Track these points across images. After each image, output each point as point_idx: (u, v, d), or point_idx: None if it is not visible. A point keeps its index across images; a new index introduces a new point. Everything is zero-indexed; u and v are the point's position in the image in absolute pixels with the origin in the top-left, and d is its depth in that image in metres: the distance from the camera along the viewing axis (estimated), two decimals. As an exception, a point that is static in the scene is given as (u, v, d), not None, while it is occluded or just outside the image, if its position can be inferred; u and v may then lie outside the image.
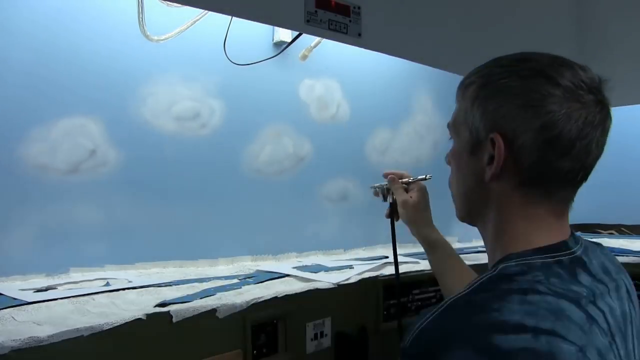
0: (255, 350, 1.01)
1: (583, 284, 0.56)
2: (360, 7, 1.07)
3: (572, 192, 0.63)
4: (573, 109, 0.56)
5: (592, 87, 0.58)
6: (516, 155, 0.59)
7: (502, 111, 0.59)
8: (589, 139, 0.57)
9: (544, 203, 0.60)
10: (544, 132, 0.57)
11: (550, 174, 0.59)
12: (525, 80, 0.59)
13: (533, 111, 0.57)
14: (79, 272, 1.16)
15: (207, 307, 0.92)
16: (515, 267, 0.55)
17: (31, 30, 1.09)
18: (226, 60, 1.32)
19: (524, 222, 0.61)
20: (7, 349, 0.69)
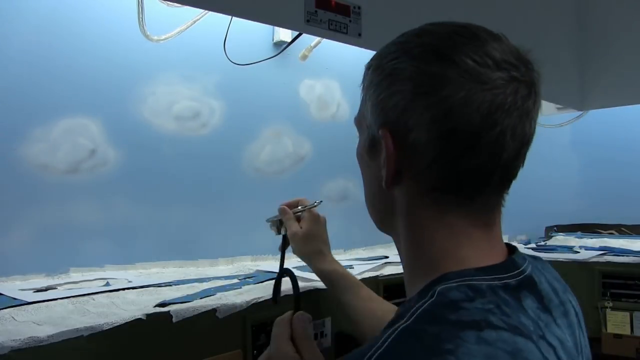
0: (255, 351, 1.01)
1: (529, 313, 0.45)
2: (360, 7, 1.07)
3: (496, 198, 0.50)
4: (473, 92, 0.44)
5: (502, 62, 0.46)
6: (410, 155, 0.48)
7: (391, 101, 0.48)
8: (499, 129, 0.45)
9: (461, 212, 0.48)
10: (438, 124, 0.46)
11: (456, 175, 0.47)
12: (416, 60, 0.47)
13: (424, 99, 0.46)
14: (79, 272, 1.16)
15: (207, 307, 0.92)
16: (457, 291, 0.44)
17: (31, 30, 1.09)
18: (226, 60, 1.32)
19: (447, 238, 0.49)
20: (7, 349, 0.69)
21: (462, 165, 0.46)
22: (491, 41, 0.47)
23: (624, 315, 1.53)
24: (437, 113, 0.46)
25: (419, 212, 0.50)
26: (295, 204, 1.00)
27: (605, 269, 1.56)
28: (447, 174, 0.47)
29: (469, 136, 0.45)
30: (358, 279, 0.97)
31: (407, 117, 0.47)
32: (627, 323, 1.52)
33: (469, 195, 0.48)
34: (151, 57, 1.25)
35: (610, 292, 1.55)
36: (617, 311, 1.53)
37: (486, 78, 0.45)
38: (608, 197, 2.25)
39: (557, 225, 2.26)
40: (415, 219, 0.51)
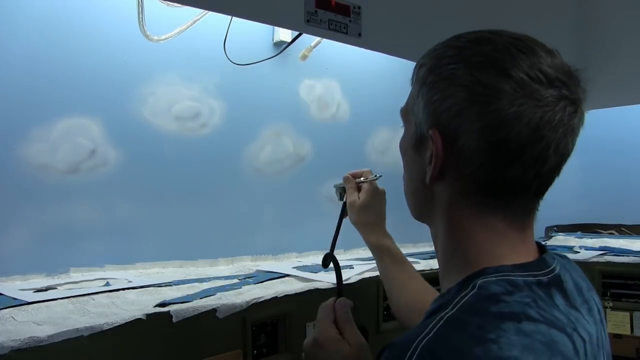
0: (255, 350, 1.01)
1: (560, 309, 0.49)
2: (360, 7, 1.07)
3: (533, 202, 0.53)
4: (525, 107, 0.47)
5: (555, 79, 0.48)
6: (457, 157, 0.50)
7: (445, 104, 0.50)
8: (544, 143, 0.48)
9: (499, 215, 0.51)
10: (488, 134, 0.48)
11: (498, 182, 0.50)
12: (473, 69, 0.49)
13: (478, 108, 0.48)
14: (79, 272, 1.16)
15: (207, 307, 0.92)
16: (496, 285, 0.47)
17: (31, 30, 1.09)
18: (226, 60, 1.32)
19: (485, 236, 0.52)
20: (7, 349, 0.69)
21: (506, 174, 0.49)
22: (546, 57, 0.49)
23: (624, 315, 1.53)
24: (489, 123, 0.48)
25: (459, 210, 0.53)
26: (360, 175, 1.02)
27: (605, 269, 1.56)
28: (491, 180, 0.50)
29: (517, 148, 0.48)
30: (404, 256, 0.97)
31: (458, 122, 0.49)
32: (627, 323, 1.52)
33: (508, 200, 0.51)
34: (151, 57, 1.25)
35: (610, 292, 1.55)
36: (617, 311, 1.53)
37: (538, 95, 0.47)
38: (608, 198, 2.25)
39: (557, 225, 2.26)
40: (455, 216, 0.53)
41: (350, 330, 0.69)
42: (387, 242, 0.97)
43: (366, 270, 1.30)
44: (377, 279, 1.26)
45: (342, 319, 0.70)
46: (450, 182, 0.52)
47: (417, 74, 0.56)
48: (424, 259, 1.50)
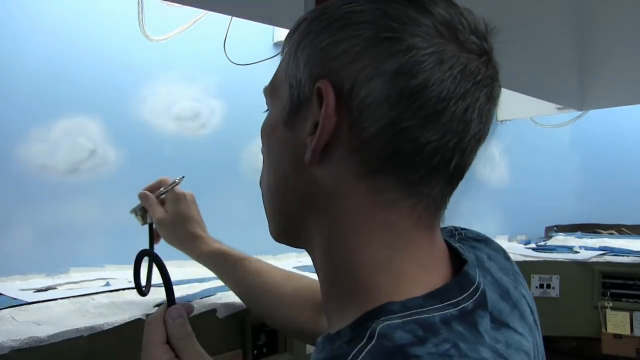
0: (255, 350, 1.01)
1: (486, 341, 0.36)
2: (360, 7, 1.07)
3: (443, 196, 0.39)
4: (448, 49, 0.36)
5: (476, 30, 0.39)
6: (356, 115, 0.36)
7: (339, 47, 0.37)
8: (468, 101, 0.36)
9: (404, 206, 0.37)
10: (401, 79, 0.35)
11: (408, 151, 0.36)
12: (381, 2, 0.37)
13: (387, 46, 0.35)
14: (79, 272, 1.16)
15: (207, 307, 0.92)
16: (403, 331, 0.33)
17: (31, 30, 1.09)
18: (226, 60, 1.32)
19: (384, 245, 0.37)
20: (7, 349, 0.69)
21: (419, 139, 0.36)
22: (462, 9, 0.39)
23: (624, 315, 1.53)
24: (402, 65, 0.35)
25: (350, 203, 0.38)
26: (157, 186, 0.85)
27: (605, 269, 1.56)
28: (396, 149, 0.36)
29: (436, 102, 0.35)
30: (243, 253, 0.81)
31: (358, 69, 0.36)
32: (627, 323, 1.52)
33: (413, 183, 0.37)
34: (151, 57, 1.25)
35: (610, 292, 1.55)
36: (617, 311, 1.53)
37: (463, 37, 0.37)
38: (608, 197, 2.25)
39: (557, 225, 2.26)
40: (343, 214, 0.38)
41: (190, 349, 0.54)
42: (219, 246, 0.83)
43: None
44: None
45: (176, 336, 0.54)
46: (339, 160, 0.37)
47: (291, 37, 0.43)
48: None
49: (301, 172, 0.40)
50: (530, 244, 1.99)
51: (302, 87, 0.39)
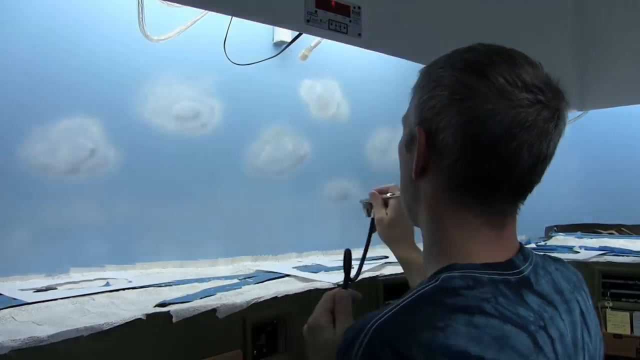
0: (255, 350, 1.01)
1: (531, 306, 0.51)
2: (360, 7, 1.07)
3: (510, 205, 0.56)
4: (499, 106, 0.51)
5: (531, 85, 0.52)
6: (438, 152, 0.55)
7: (430, 103, 0.55)
8: (516, 142, 0.51)
9: (475, 211, 0.55)
10: (464, 129, 0.52)
11: (472, 177, 0.53)
12: (458, 72, 0.54)
13: (456, 106, 0.53)
14: (79, 272, 1.16)
15: (207, 307, 0.92)
16: (459, 280, 0.50)
17: (31, 30, 1.09)
18: (226, 60, 1.32)
19: (459, 231, 0.56)
20: (7, 349, 0.69)
21: (479, 169, 0.53)
22: (526, 66, 0.53)
23: (623, 315, 1.53)
24: (466, 119, 0.52)
25: (439, 205, 0.57)
26: (386, 191, 1.02)
27: (605, 269, 1.56)
28: (465, 175, 0.54)
29: (489, 144, 0.52)
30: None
31: (440, 119, 0.54)
32: (627, 323, 1.52)
33: (483, 197, 0.55)
34: (151, 57, 1.25)
35: (610, 292, 1.55)
36: (617, 311, 1.53)
37: (513, 96, 0.51)
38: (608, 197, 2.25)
39: (557, 225, 2.26)
40: (435, 211, 0.58)
41: (342, 321, 0.70)
42: (415, 256, 0.96)
43: (366, 271, 1.30)
44: (377, 279, 1.26)
45: (339, 309, 0.72)
46: (432, 177, 0.57)
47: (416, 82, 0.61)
48: (424, 259, 1.50)
49: (411, 182, 0.59)
50: (531, 244, 1.99)
51: (412, 126, 0.58)
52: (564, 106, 0.55)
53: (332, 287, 1.14)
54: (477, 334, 0.46)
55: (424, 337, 0.45)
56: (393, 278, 1.30)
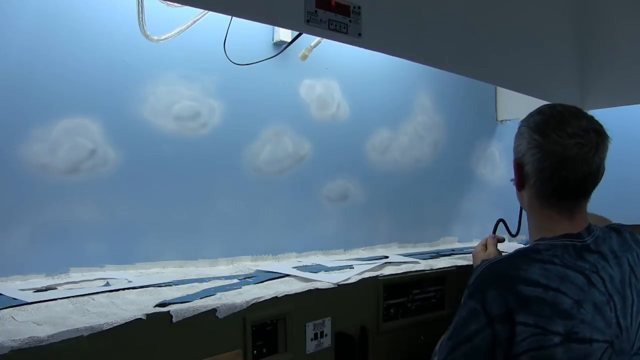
0: (255, 350, 1.01)
1: (588, 260, 0.85)
2: (360, 7, 1.07)
3: (574, 205, 0.90)
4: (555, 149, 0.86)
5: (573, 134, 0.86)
6: (525, 175, 0.92)
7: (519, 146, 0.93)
8: (568, 168, 0.86)
9: (554, 208, 0.90)
10: (537, 163, 0.89)
11: (546, 189, 0.89)
12: (530, 130, 0.91)
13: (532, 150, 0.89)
14: (79, 272, 1.16)
15: (207, 307, 0.92)
16: (543, 245, 0.86)
17: (31, 30, 1.09)
18: (226, 60, 1.32)
19: (545, 220, 0.91)
20: (7, 349, 0.69)
21: (548, 185, 0.89)
22: (572, 120, 0.87)
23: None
24: (537, 158, 0.89)
25: (532, 207, 0.93)
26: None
27: (605, 269, 1.56)
28: (542, 188, 0.90)
29: (551, 171, 0.87)
30: None
31: (525, 156, 0.91)
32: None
33: (555, 201, 0.90)
34: (151, 57, 1.25)
35: (610, 292, 1.54)
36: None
37: (562, 142, 0.86)
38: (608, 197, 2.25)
39: (557, 225, 2.26)
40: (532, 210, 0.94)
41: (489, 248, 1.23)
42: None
43: (366, 271, 1.30)
44: (377, 279, 1.26)
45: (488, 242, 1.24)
46: (527, 190, 0.93)
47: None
48: (423, 259, 1.50)
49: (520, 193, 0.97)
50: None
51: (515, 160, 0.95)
52: (600, 139, 0.87)
53: (332, 287, 1.14)
54: (546, 273, 0.81)
55: (513, 272, 0.82)
56: (393, 278, 1.30)
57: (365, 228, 1.71)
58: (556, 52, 1.71)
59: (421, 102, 1.87)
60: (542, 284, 0.80)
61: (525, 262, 0.83)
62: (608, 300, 0.83)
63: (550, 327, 0.79)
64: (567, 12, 1.77)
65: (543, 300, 0.80)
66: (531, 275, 0.81)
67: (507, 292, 0.80)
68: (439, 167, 1.93)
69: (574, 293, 0.81)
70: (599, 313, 0.82)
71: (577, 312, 0.80)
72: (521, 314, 0.80)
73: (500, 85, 1.82)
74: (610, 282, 0.85)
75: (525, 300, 0.80)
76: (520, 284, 0.81)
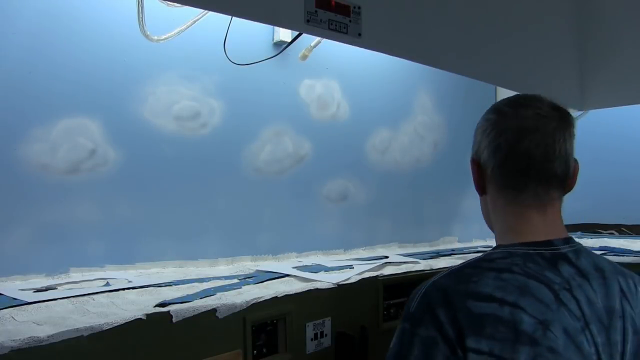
0: (255, 350, 1.01)
1: (562, 273, 0.68)
2: (360, 7, 1.07)
3: (544, 193, 0.73)
4: (510, 122, 0.73)
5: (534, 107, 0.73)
6: (484, 168, 0.76)
7: (474, 143, 0.80)
8: (526, 142, 0.71)
9: (518, 201, 0.73)
10: (491, 144, 0.74)
11: (506, 175, 0.73)
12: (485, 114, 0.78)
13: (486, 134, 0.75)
14: (79, 272, 1.16)
15: (207, 307, 0.92)
16: (498, 253, 0.70)
17: (31, 30, 1.09)
18: (226, 60, 1.32)
19: (510, 218, 0.74)
20: (7, 349, 0.69)
21: (507, 168, 0.73)
22: (530, 101, 0.74)
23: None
24: (492, 137, 0.74)
25: (495, 206, 0.77)
26: None
27: (605, 269, 1.56)
28: (502, 175, 0.73)
29: (507, 148, 0.72)
30: None
31: (480, 147, 0.76)
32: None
33: (520, 188, 0.72)
34: (151, 57, 1.25)
35: (610, 292, 1.55)
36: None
37: (519, 115, 0.72)
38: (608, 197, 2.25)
39: (557, 225, 2.26)
40: (495, 211, 0.77)
41: None
42: None
43: (366, 271, 1.30)
44: (377, 279, 1.26)
45: None
46: (488, 190, 0.77)
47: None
48: (423, 259, 1.50)
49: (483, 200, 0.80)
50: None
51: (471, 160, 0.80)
52: (566, 116, 0.73)
53: (332, 287, 1.14)
54: (502, 284, 0.64)
55: (460, 287, 0.65)
56: (393, 278, 1.30)
57: (365, 228, 1.71)
58: (556, 52, 1.70)
59: (421, 102, 1.87)
60: (496, 298, 0.62)
61: (476, 272, 0.66)
62: (583, 329, 0.65)
63: (508, 356, 0.61)
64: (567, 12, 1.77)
65: (499, 319, 0.62)
66: (483, 287, 0.63)
67: (455, 310, 0.63)
68: (439, 167, 1.93)
69: (537, 311, 0.63)
70: (572, 343, 0.63)
71: (541, 337, 0.62)
72: (472, 337, 0.62)
73: (500, 85, 1.81)
74: (589, 306, 0.66)
75: (477, 319, 0.62)
76: (469, 298, 0.63)
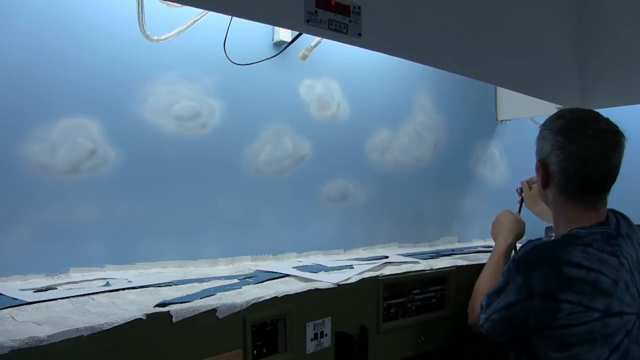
0: (255, 350, 1.01)
1: (616, 244, 1.03)
2: (360, 7, 1.07)
3: (597, 199, 1.08)
4: (577, 150, 1.03)
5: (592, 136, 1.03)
6: (550, 175, 1.08)
7: (542, 149, 1.10)
8: (591, 167, 1.03)
9: (578, 203, 1.07)
10: (561, 163, 1.05)
11: (570, 186, 1.06)
12: (553, 133, 1.07)
13: (556, 151, 1.06)
14: (79, 272, 1.16)
15: (207, 307, 0.92)
16: (584, 232, 1.03)
17: (31, 30, 1.09)
18: (226, 60, 1.32)
19: (572, 213, 1.08)
20: (7, 349, 0.69)
21: (572, 183, 1.06)
22: (590, 122, 1.04)
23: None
24: (561, 158, 1.05)
25: (559, 201, 1.10)
26: (531, 181, 1.50)
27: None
28: (567, 185, 1.07)
29: (574, 170, 1.04)
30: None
31: (549, 158, 1.08)
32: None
33: (579, 196, 1.07)
34: (151, 57, 1.25)
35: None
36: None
37: (584, 143, 1.03)
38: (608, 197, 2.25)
39: (557, 225, 2.26)
40: (557, 204, 1.11)
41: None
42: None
43: (366, 271, 1.30)
44: (377, 279, 1.26)
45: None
46: (550, 188, 1.11)
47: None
48: (423, 259, 1.50)
49: (544, 192, 1.15)
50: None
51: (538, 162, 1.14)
52: (617, 138, 1.04)
53: (332, 287, 1.15)
54: (588, 256, 0.99)
55: (558, 254, 1.00)
56: (393, 278, 1.30)
57: (365, 228, 1.71)
58: (556, 51, 1.71)
59: (421, 102, 1.87)
60: (584, 266, 0.97)
61: (569, 245, 0.99)
62: (632, 277, 1.02)
63: (592, 305, 0.95)
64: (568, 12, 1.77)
65: (585, 281, 0.96)
66: (574, 257, 0.98)
67: (551, 272, 0.97)
68: (439, 167, 1.93)
69: (611, 273, 0.98)
70: (627, 289, 0.99)
71: (614, 290, 0.97)
72: (565, 292, 0.96)
73: (501, 85, 1.82)
74: (631, 260, 1.03)
75: (569, 280, 0.95)
76: (564, 265, 0.97)
